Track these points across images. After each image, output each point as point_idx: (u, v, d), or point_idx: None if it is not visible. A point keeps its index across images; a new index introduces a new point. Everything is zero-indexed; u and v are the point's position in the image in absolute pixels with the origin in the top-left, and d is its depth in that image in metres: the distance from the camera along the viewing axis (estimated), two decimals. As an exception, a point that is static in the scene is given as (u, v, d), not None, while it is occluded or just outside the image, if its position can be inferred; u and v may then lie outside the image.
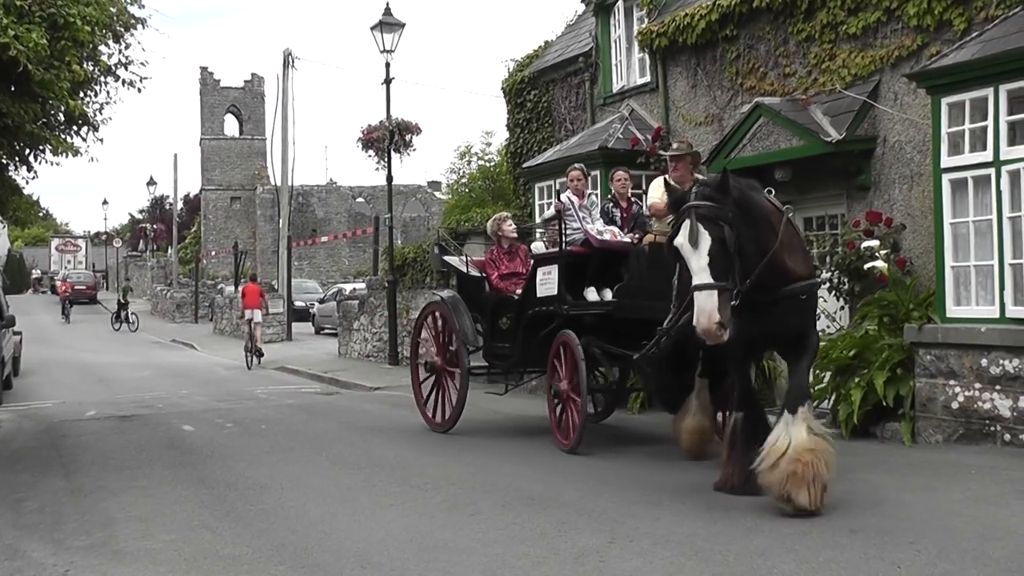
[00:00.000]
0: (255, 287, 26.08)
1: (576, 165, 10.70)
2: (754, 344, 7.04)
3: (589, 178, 11.17)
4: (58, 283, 58.55)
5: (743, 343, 6.75)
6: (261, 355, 23.77)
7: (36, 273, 76.83)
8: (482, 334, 10.78)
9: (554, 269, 9.66)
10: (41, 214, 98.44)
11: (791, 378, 6.94)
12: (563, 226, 9.61)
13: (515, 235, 11.05)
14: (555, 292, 9.58)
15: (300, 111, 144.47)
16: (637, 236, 9.74)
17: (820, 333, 8.79)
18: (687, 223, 6.21)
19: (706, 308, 5.97)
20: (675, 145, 9.92)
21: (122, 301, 41.55)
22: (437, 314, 11.23)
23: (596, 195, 12.33)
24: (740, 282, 6.23)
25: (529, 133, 17.81)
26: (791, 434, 6.34)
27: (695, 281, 6.14)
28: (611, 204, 10.37)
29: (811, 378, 8.20)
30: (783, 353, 7.60)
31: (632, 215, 10.27)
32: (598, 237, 9.62)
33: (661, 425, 9.79)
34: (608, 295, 9.44)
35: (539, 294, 9.84)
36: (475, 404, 11.17)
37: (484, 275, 10.86)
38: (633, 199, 10.59)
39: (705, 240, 6.11)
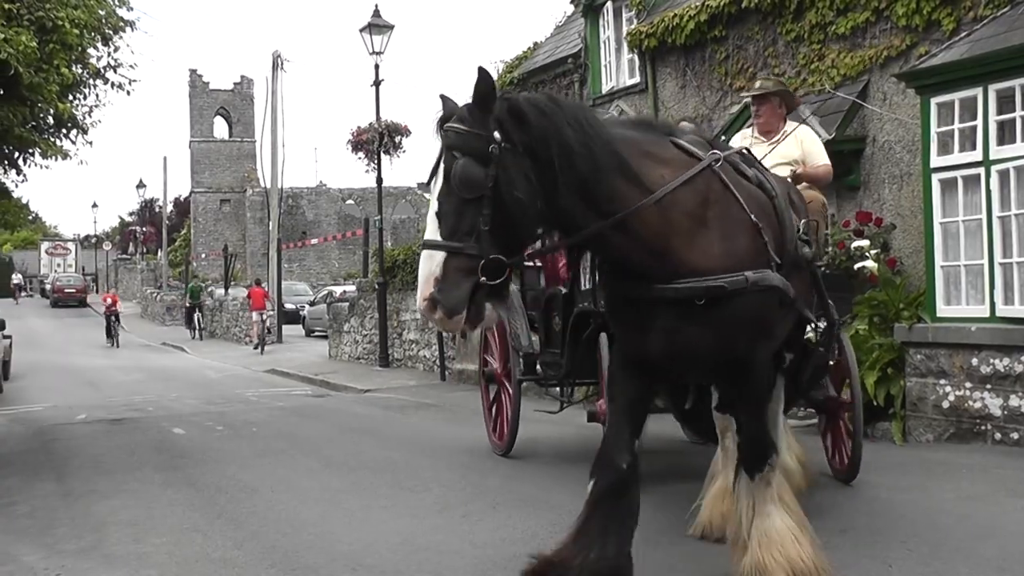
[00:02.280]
0: (260, 290, 30.63)
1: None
2: (642, 365, 4.49)
3: None
4: (103, 296, 46.74)
5: (622, 362, 4.62)
6: (264, 344, 28.35)
7: (17, 279, 69.47)
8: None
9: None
10: (30, 217, 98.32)
11: (738, 432, 4.72)
12: None
13: None
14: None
15: (289, 113, 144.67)
16: None
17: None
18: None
19: (420, 277, 3.87)
20: (758, 83, 7.68)
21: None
22: None
23: None
24: (511, 249, 3.92)
25: (519, 134, 17.79)
26: (756, 516, 4.57)
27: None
28: None
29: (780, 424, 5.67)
30: (718, 388, 5.43)
31: None
32: None
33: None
34: None
35: (583, 286, 7.84)
36: (469, 408, 11.11)
37: (538, 264, 8.93)
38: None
39: (438, 180, 3.97)
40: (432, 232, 3.88)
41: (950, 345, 8.58)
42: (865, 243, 9.99)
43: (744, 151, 5.04)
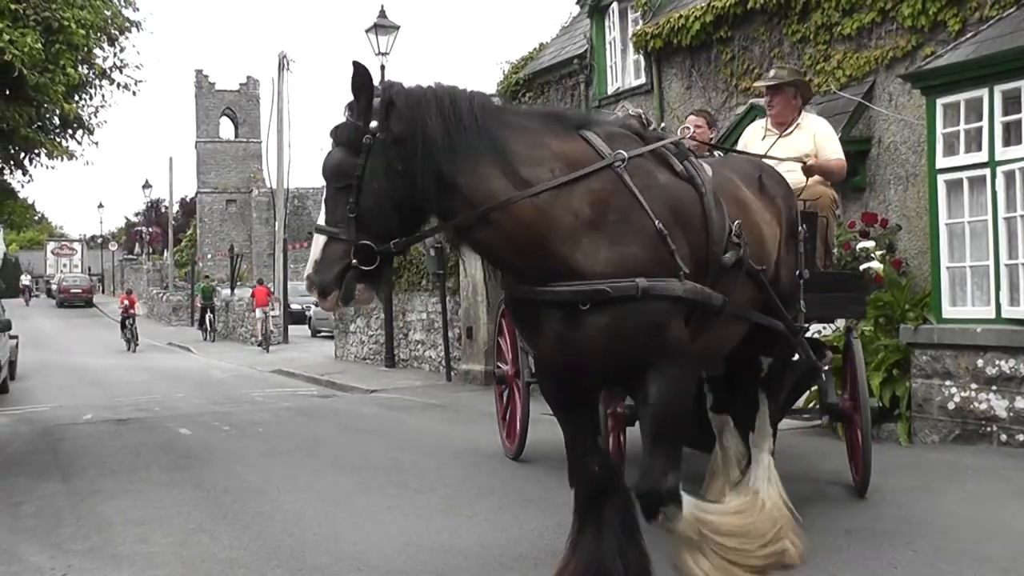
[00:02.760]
0: (263, 289, 31.44)
1: (696, 110, 8.84)
2: (555, 373, 4.41)
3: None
4: (120, 297, 41.14)
5: (542, 370, 4.62)
6: (269, 342, 29.30)
7: (26, 280, 68.63)
8: None
9: None
10: (36, 218, 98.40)
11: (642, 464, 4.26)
12: None
13: None
14: None
15: (295, 113, 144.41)
16: None
17: (817, 334, 8.77)
18: None
19: (309, 257, 4.10)
20: (772, 72, 7.49)
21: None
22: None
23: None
24: (379, 236, 3.97)
25: (525, 135, 17.80)
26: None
27: None
28: None
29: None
30: (711, 389, 5.64)
31: None
32: None
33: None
34: None
35: None
36: (475, 408, 11.11)
37: None
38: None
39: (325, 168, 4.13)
40: (320, 217, 4.08)
41: (956, 346, 8.56)
42: (871, 244, 9.97)
43: (675, 143, 4.70)
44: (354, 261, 3.94)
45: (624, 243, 4.08)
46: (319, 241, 4.02)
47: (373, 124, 3.98)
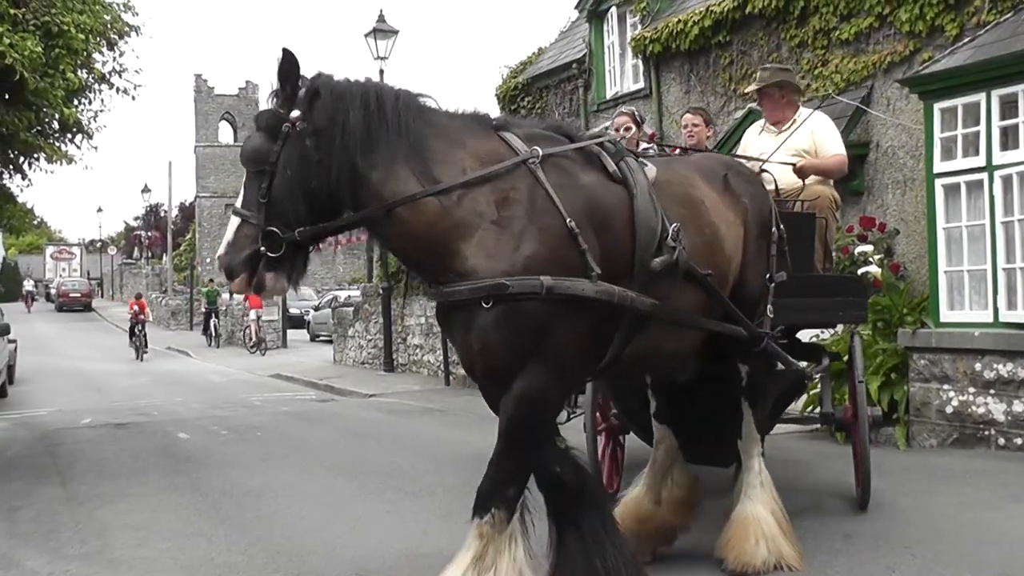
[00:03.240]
0: None
1: (624, 109, 8.29)
2: (477, 378, 4.38)
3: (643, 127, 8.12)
4: (129, 302, 37.55)
5: (468, 374, 4.59)
6: (263, 345, 29.35)
7: (29, 285, 67.47)
8: None
9: None
10: (35, 222, 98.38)
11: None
12: None
13: None
14: None
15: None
16: None
17: (815, 338, 8.77)
18: None
19: (223, 238, 4.12)
20: (756, 75, 7.55)
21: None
22: None
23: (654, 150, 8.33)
24: (288, 224, 3.97)
25: (523, 139, 17.82)
26: None
27: None
28: None
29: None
30: (654, 396, 5.58)
31: None
32: None
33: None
34: None
35: None
36: (474, 412, 11.05)
37: None
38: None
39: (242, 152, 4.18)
40: (238, 200, 4.10)
41: (954, 350, 8.57)
42: (869, 248, 10.00)
43: (612, 142, 4.59)
44: (262, 248, 3.96)
45: (529, 241, 4.00)
46: (233, 223, 4.06)
47: (295, 113, 4.00)
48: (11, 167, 12.11)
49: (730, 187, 5.02)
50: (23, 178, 12.59)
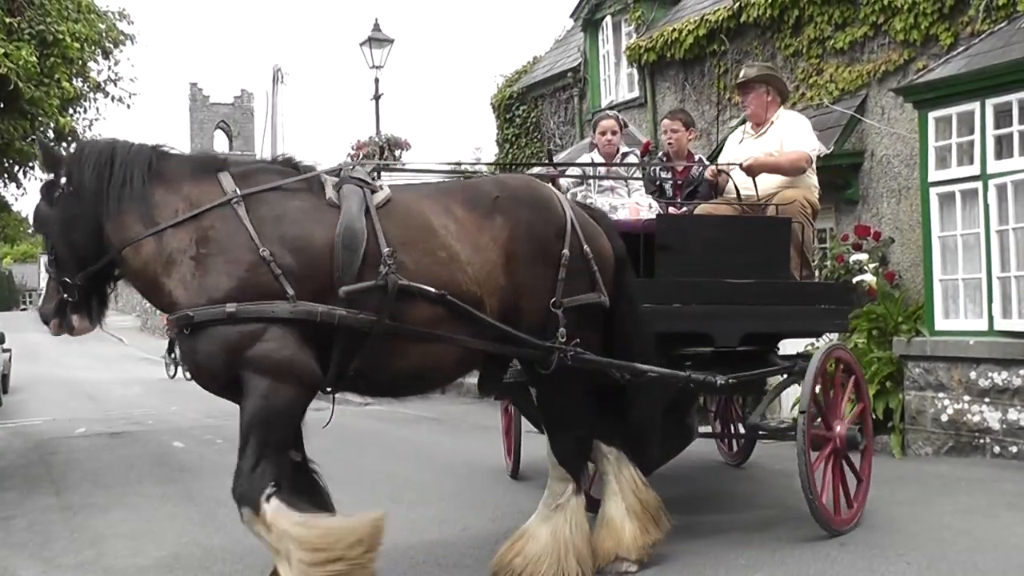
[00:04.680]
0: None
1: (608, 113, 7.74)
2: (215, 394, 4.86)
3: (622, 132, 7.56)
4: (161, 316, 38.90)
5: None
6: None
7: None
8: None
9: None
10: (30, 231, 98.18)
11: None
12: None
13: None
14: None
15: (290, 127, 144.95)
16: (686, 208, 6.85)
17: (810, 346, 8.77)
18: None
19: None
20: (743, 71, 7.29)
21: None
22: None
23: (637, 154, 8.10)
24: (72, 275, 4.62)
25: (518, 148, 17.87)
26: None
27: None
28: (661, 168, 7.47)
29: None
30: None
31: (689, 180, 7.24)
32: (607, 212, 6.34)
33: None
34: None
35: None
36: (470, 421, 11.04)
37: None
38: (699, 158, 7.63)
39: (32, 220, 5.05)
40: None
41: (949, 359, 8.59)
42: (864, 257, 10.01)
43: (360, 179, 4.84)
44: (65, 296, 4.67)
45: (217, 273, 4.42)
46: (44, 277, 4.93)
47: (63, 180, 4.64)
48: (6, 176, 12.10)
49: (495, 211, 4.95)
50: (18, 187, 12.59)
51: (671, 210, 6.80)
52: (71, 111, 11.88)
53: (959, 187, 8.58)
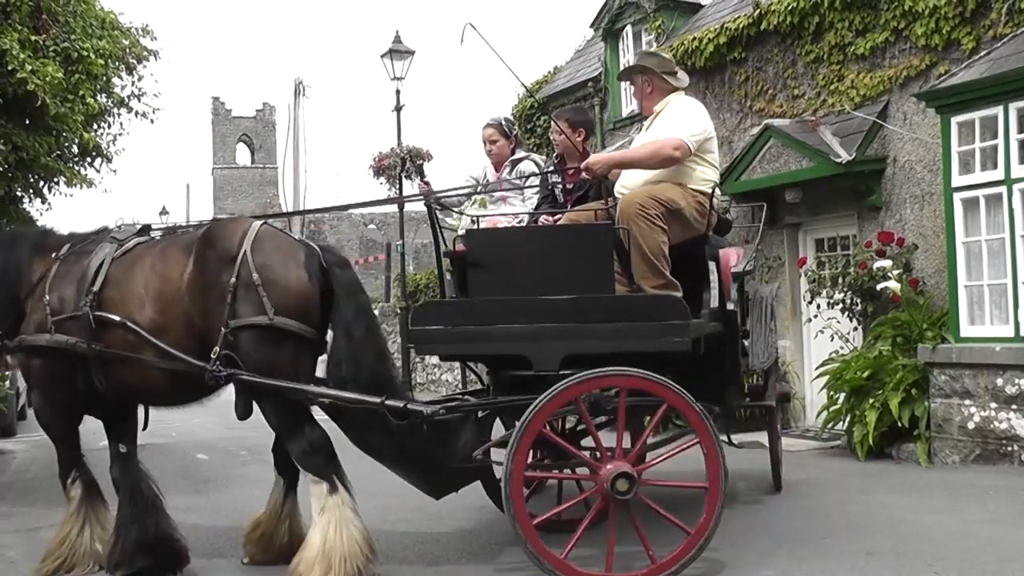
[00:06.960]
0: None
1: (489, 121, 7.54)
2: None
3: (514, 137, 7.49)
4: None
5: None
6: None
7: None
8: None
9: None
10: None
11: None
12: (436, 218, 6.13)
13: None
14: None
15: (311, 139, 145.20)
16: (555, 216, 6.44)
17: (835, 354, 8.72)
18: None
19: None
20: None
21: None
22: None
23: (536, 160, 7.72)
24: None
25: (540, 158, 17.84)
26: None
27: None
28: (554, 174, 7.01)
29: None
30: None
31: (580, 184, 6.75)
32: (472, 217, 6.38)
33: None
34: None
35: None
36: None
37: None
38: (551, 164, 7.29)
39: None
40: None
41: (974, 365, 8.52)
42: (887, 263, 9.95)
43: (115, 237, 6.09)
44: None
45: (23, 311, 6.05)
46: None
47: None
48: (31, 191, 12.19)
49: (190, 250, 5.68)
50: (43, 202, 12.67)
51: (487, 223, 6.46)
52: (95, 126, 11.96)
53: (983, 192, 8.53)
